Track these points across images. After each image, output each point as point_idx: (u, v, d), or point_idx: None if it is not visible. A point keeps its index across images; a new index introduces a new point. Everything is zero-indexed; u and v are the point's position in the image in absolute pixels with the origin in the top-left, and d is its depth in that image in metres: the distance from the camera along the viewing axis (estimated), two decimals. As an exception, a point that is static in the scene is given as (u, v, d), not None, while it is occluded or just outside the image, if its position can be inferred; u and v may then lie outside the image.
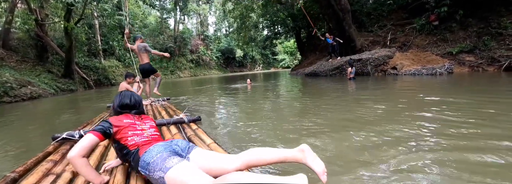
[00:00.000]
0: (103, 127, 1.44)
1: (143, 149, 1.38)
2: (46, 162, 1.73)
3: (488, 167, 1.54)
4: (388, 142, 2.06)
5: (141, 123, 1.59)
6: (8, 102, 8.52)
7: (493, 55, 8.14)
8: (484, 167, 1.54)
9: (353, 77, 8.78)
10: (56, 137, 2.26)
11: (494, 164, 1.56)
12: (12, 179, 1.52)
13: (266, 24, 25.81)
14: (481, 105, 3.22)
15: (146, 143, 1.47)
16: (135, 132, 1.51)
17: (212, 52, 43.86)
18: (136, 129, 1.53)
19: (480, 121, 2.49)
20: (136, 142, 1.46)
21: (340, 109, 3.66)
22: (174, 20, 38.52)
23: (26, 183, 1.43)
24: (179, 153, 1.37)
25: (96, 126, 1.46)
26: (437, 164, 1.61)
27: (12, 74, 10.31)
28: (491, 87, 5.00)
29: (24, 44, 14.54)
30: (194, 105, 5.39)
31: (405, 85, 6.35)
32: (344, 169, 1.64)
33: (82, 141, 1.34)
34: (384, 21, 12.94)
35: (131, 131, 1.50)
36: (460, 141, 1.97)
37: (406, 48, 10.86)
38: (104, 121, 1.49)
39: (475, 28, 9.19)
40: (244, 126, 3.07)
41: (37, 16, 13.34)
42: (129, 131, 1.49)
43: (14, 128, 4.03)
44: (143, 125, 1.59)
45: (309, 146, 1.28)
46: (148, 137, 1.53)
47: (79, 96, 10.86)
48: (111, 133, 1.45)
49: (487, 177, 1.40)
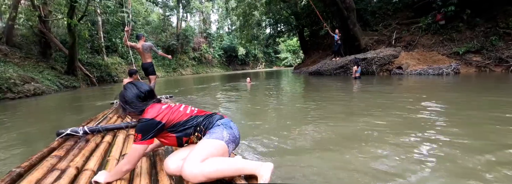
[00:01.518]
0: (154, 131, 1.28)
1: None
2: (51, 158, 1.71)
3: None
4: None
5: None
6: (12, 99, 8.52)
7: (500, 56, 8.04)
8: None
9: (358, 76, 8.70)
10: (61, 133, 2.24)
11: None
12: (18, 174, 1.51)
13: (269, 22, 25.72)
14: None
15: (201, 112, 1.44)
16: (179, 109, 1.40)
17: (214, 50, 43.82)
18: (178, 107, 1.41)
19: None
20: (189, 112, 1.40)
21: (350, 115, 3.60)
22: (177, 18, 38.51)
23: (32, 178, 1.42)
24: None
25: (146, 134, 1.26)
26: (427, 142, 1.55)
27: (16, 71, 10.30)
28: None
29: (28, 40, 14.56)
30: (196, 102, 5.35)
31: (416, 85, 6.28)
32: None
33: (135, 155, 1.27)
34: (389, 20, 12.84)
35: (175, 110, 1.38)
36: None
37: (411, 48, 10.77)
38: (149, 123, 1.27)
39: (483, 27, 9.08)
40: (246, 125, 3.03)
41: (40, 13, 13.33)
42: (174, 112, 1.36)
43: (18, 124, 4.01)
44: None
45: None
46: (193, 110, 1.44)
47: (82, 93, 10.86)
48: (163, 128, 1.32)
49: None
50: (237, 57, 47.28)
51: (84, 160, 1.75)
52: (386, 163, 1.69)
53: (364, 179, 1.50)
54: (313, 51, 19.80)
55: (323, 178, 1.55)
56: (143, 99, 1.38)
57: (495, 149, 1.80)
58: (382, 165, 1.66)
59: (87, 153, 1.90)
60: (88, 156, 1.83)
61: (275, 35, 25.95)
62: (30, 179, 1.39)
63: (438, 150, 1.85)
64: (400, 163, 1.69)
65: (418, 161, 1.69)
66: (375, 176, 1.53)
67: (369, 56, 10.29)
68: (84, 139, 2.19)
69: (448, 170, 1.55)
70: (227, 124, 1.39)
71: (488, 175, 1.45)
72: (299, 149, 2.11)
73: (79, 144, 2.05)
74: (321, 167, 1.72)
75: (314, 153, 1.98)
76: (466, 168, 1.55)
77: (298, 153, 2.00)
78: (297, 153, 2.00)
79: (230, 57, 46.81)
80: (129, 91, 1.39)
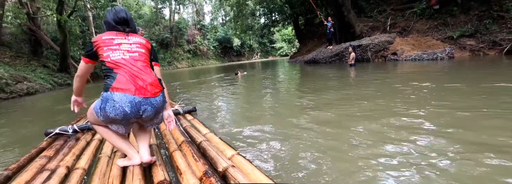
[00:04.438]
0: (87, 49, 1.45)
1: (116, 76, 1.34)
2: (40, 158, 1.71)
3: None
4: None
5: (124, 38, 1.43)
6: (5, 99, 8.44)
7: (494, 39, 8.01)
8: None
9: (353, 64, 8.69)
10: (49, 133, 2.22)
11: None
12: (6, 177, 1.50)
13: (263, 12, 25.30)
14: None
15: (121, 63, 1.35)
16: (111, 47, 1.37)
17: (209, 42, 43.32)
18: (113, 44, 1.38)
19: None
20: (111, 59, 1.36)
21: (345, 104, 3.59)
22: (169, 10, 37.78)
23: (20, 180, 1.41)
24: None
25: (85, 51, 1.48)
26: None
27: (7, 70, 10.15)
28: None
29: (17, 39, 14.28)
30: (189, 95, 5.34)
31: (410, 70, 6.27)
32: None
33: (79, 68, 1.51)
34: (383, 6, 12.66)
35: (106, 46, 1.37)
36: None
37: (406, 33, 10.69)
38: (89, 42, 1.46)
39: (477, 11, 8.99)
40: (240, 116, 3.04)
41: (28, 10, 13.02)
42: (104, 47, 1.37)
43: (8, 125, 3.98)
44: (125, 40, 1.43)
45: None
46: (125, 53, 1.39)
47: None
48: (94, 51, 1.40)
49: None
50: (232, 48, 46.84)
51: (75, 159, 1.75)
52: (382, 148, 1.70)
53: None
54: (309, 39, 19.62)
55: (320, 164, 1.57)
56: (116, 23, 1.45)
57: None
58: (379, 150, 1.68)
59: (78, 151, 1.89)
60: (79, 155, 1.83)
61: (270, 24, 25.58)
62: (18, 182, 1.38)
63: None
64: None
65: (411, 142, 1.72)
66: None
67: (364, 42, 10.23)
68: (74, 138, 2.18)
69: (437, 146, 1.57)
70: (105, 98, 1.33)
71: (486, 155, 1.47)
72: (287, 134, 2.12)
73: (69, 143, 2.05)
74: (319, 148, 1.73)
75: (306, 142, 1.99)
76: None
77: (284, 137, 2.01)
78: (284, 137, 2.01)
79: (225, 48, 46.37)
80: (110, 13, 1.48)
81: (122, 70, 1.34)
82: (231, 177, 1.20)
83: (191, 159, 1.49)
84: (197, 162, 1.42)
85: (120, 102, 1.29)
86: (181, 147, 1.73)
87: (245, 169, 1.27)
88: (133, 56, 1.41)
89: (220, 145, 1.68)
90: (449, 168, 1.42)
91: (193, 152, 1.55)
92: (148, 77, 1.39)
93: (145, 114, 1.38)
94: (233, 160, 1.42)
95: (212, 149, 1.56)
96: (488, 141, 1.70)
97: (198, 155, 1.51)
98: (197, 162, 1.42)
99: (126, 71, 1.34)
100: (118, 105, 1.29)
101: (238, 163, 1.36)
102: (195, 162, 1.43)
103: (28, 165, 1.66)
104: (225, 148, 1.60)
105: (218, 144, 1.70)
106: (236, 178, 1.18)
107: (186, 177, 1.27)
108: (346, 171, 1.48)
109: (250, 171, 1.24)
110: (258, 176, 1.19)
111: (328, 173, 1.48)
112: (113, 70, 1.35)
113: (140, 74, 1.37)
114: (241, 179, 1.16)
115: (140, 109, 1.34)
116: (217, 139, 1.83)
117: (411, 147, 1.71)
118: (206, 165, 1.36)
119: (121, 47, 1.40)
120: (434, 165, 1.46)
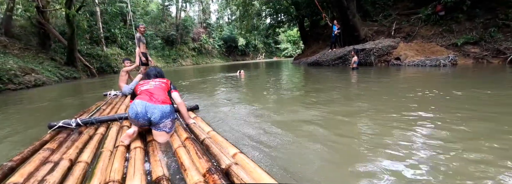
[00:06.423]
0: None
1: (139, 93, 2.15)
2: (43, 151, 1.73)
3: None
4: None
5: (151, 80, 2.30)
6: (13, 90, 8.62)
7: (498, 47, 7.98)
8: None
9: (356, 67, 8.70)
10: (53, 126, 2.25)
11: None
12: (10, 168, 1.52)
13: (269, 12, 25.30)
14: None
15: (146, 90, 2.13)
16: (142, 83, 2.25)
17: (214, 40, 43.44)
18: (145, 83, 2.24)
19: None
20: (140, 89, 2.18)
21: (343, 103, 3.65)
22: (176, 8, 37.99)
23: (24, 171, 1.43)
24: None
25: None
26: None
27: (16, 62, 10.35)
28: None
29: (26, 31, 14.50)
30: (193, 93, 5.41)
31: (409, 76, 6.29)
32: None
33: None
34: (389, 10, 12.65)
35: (140, 85, 2.22)
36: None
37: (410, 39, 10.68)
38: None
39: (482, 19, 8.96)
40: (243, 114, 3.10)
41: (38, 3, 13.21)
42: (139, 86, 2.21)
43: (14, 116, 4.07)
44: (152, 81, 2.26)
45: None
46: (151, 85, 2.20)
47: (83, 84, 10.92)
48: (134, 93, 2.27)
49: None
50: (237, 48, 46.91)
51: (78, 152, 1.74)
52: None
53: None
54: (313, 41, 19.62)
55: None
56: (147, 76, 2.49)
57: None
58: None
59: (81, 145, 1.89)
60: (82, 148, 1.82)
61: (275, 25, 25.59)
62: (22, 173, 1.39)
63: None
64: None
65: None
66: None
67: (367, 46, 10.24)
68: (77, 131, 2.22)
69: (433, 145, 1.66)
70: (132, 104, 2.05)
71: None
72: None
73: (72, 136, 2.07)
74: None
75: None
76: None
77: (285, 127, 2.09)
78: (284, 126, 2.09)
79: (230, 47, 46.45)
80: (151, 71, 2.51)
81: (145, 91, 2.14)
82: (234, 175, 1.21)
83: (194, 156, 1.51)
84: (200, 159, 1.45)
85: (137, 105, 1.97)
86: (185, 144, 1.76)
87: (248, 167, 1.29)
88: (156, 84, 2.23)
89: (223, 142, 1.73)
90: (448, 164, 1.50)
91: (197, 149, 1.58)
92: (159, 96, 2.08)
93: (153, 117, 1.93)
94: (236, 157, 1.45)
95: (215, 147, 1.59)
96: (488, 141, 1.80)
97: (201, 152, 1.54)
98: (200, 159, 1.45)
99: (147, 93, 2.11)
100: (135, 106, 1.96)
101: (241, 161, 1.38)
102: (198, 159, 1.46)
103: (32, 157, 1.68)
104: (227, 146, 1.63)
105: (221, 142, 1.74)
106: (239, 176, 1.19)
107: (191, 174, 1.30)
108: (347, 171, 1.55)
109: (253, 169, 1.26)
110: (261, 174, 1.20)
111: (329, 172, 1.54)
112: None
113: (155, 94, 2.09)
114: (244, 177, 1.17)
115: (148, 112, 1.93)
116: (219, 137, 1.87)
117: (411, 148, 1.80)
118: (209, 162, 1.39)
119: (149, 83, 2.27)
120: (433, 160, 1.54)
